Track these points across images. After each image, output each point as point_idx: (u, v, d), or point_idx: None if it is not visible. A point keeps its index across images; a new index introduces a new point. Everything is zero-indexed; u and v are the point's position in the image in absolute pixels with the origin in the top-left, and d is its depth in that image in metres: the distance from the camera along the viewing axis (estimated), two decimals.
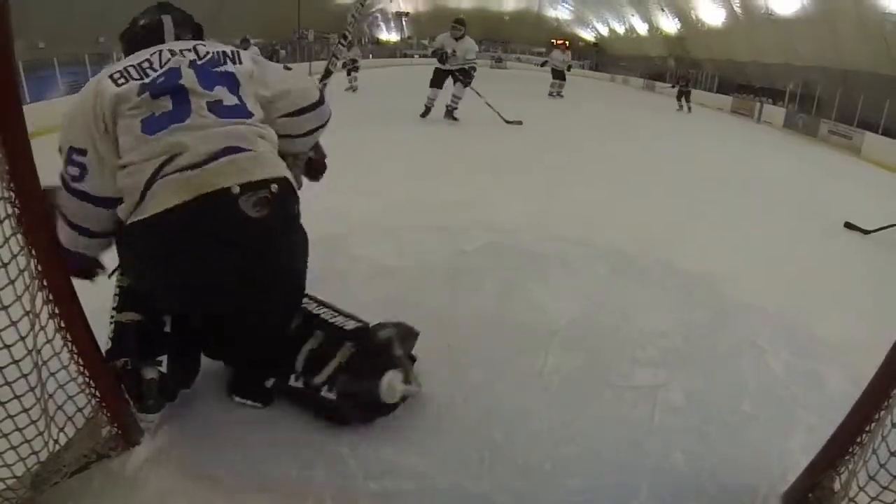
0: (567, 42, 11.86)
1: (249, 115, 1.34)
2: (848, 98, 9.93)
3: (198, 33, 1.49)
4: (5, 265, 0.92)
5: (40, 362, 1.03)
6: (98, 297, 1.81)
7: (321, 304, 1.54)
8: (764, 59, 13.93)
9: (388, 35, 26.41)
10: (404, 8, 26.85)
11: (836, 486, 1.10)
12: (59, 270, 1.05)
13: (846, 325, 2.11)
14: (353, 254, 2.44)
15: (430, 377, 1.59)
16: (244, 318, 1.39)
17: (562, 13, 28.01)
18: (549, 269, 2.41)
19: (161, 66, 1.30)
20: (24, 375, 0.99)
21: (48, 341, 1.05)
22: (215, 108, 1.29)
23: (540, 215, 3.24)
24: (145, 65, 1.30)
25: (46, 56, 8.16)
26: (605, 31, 26.53)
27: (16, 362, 0.96)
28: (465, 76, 6.73)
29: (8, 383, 0.96)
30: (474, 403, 1.50)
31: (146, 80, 1.27)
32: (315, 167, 1.72)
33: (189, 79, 1.29)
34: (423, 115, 6.86)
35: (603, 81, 21.37)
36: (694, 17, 17.13)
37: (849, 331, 2.03)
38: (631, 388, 1.62)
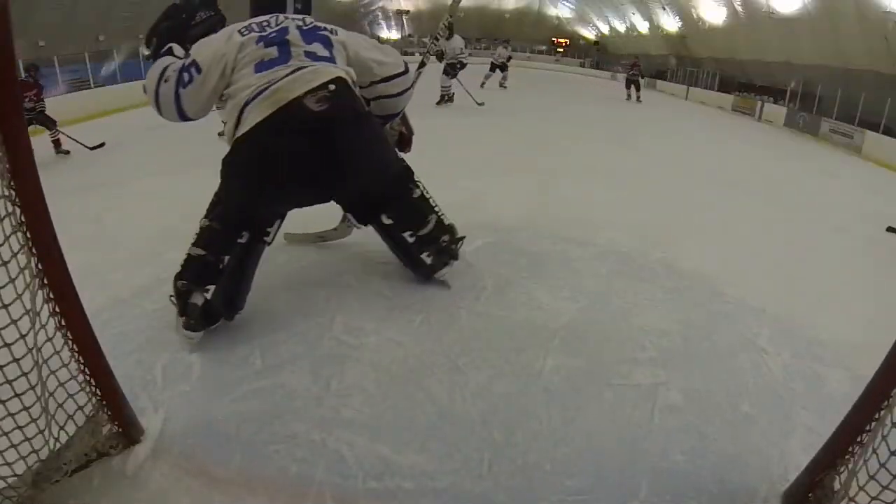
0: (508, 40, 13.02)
1: (335, 63, 1.75)
2: (849, 97, 9.89)
3: (308, 11, 2.06)
4: (5, 263, 0.92)
5: (41, 360, 1.03)
6: (98, 297, 1.80)
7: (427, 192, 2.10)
8: (765, 58, 13.89)
9: (389, 33, 26.34)
10: (405, 6, 26.79)
11: (836, 485, 1.10)
12: (59, 268, 1.05)
13: (846, 326, 2.10)
14: (352, 251, 2.45)
15: (430, 377, 1.59)
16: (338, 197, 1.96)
17: (563, 11, 27.92)
18: (549, 268, 2.41)
19: (275, 26, 1.71)
20: (25, 374, 0.99)
21: (49, 339, 1.05)
22: (311, 55, 1.70)
23: (538, 215, 3.23)
24: (264, 24, 1.72)
25: (47, 54, 8.16)
26: (606, 30, 26.47)
27: (16, 360, 0.96)
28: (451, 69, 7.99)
29: (8, 381, 0.96)
30: (474, 403, 1.50)
31: (263, 34, 1.68)
32: (404, 140, 2.22)
33: (294, 35, 1.70)
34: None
35: (602, 80, 21.32)
36: (695, 15, 17.07)
37: (849, 332, 2.03)
38: (631, 388, 1.62)
